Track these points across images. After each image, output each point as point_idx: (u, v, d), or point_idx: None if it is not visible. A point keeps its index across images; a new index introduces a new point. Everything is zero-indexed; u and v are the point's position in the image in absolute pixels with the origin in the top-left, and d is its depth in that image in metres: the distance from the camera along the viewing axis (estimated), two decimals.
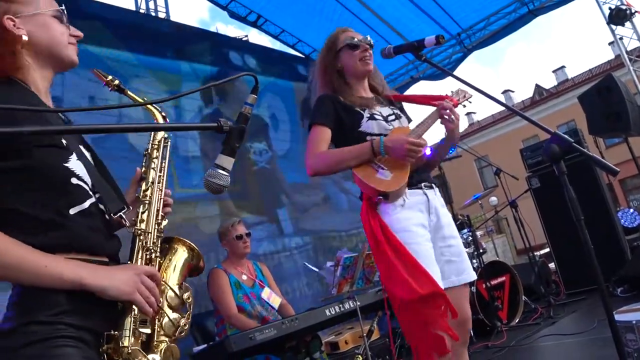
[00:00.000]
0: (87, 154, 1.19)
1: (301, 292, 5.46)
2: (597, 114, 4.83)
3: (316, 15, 6.76)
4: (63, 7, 1.22)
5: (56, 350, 0.94)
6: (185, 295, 1.19)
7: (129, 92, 1.28)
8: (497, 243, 10.50)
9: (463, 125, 28.90)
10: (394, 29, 7.02)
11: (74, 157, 1.11)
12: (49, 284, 0.97)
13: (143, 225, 1.18)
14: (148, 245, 1.17)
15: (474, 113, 30.01)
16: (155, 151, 1.30)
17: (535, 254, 5.57)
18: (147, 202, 1.22)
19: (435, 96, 2.01)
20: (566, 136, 1.38)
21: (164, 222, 1.24)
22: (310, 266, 3.93)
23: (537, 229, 5.60)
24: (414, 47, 1.76)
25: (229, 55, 5.98)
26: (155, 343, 1.09)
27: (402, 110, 2.15)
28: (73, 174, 1.09)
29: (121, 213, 1.16)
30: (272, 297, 3.22)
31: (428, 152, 1.98)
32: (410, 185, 1.83)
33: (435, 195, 1.93)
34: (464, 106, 2.10)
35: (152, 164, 1.28)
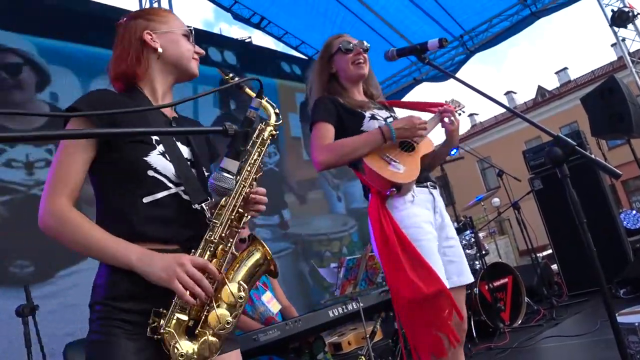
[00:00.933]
0: (185, 149, 1.30)
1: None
2: (600, 116, 4.83)
3: (320, 18, 6.79)
4: (192, 27, 1.41)
5: (109, 329, 1.10)
6: (240, 295, 1.20)
7: (247, 89, 1.30)
8: (500, 244, 10.48)
9: (465, 126, 28.89)
10: (397, 30, 7.04)
11: (155, 152, 1.22)
12: (111, 262, 1.12)
13: (217, 219, 1.20)
14: (212, 239, 1.19)
15: (477, 114, 29.97)
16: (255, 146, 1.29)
17: (538, 255, 5.56)
18: (231, 195, 1.22)
19: (432, 103, 2.03)
20: (568, 139, 1.37)
21: (245, 219, 1.26)
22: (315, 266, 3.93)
23: (540, 231, 5.59)
24: (417, 49, 1.75)
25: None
26: (197, 332, 1.14)
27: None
28: (150, 167, 1.20)
29: (203, 204, 1.23)
30: (272, 302, 3.21)
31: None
32: (417, 183, 1.84)
33: (439, 196, 1.95)
34: (459, 114, 2.11)
35: (250, 159, 1.28)
